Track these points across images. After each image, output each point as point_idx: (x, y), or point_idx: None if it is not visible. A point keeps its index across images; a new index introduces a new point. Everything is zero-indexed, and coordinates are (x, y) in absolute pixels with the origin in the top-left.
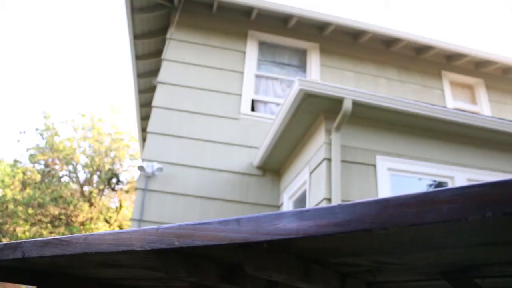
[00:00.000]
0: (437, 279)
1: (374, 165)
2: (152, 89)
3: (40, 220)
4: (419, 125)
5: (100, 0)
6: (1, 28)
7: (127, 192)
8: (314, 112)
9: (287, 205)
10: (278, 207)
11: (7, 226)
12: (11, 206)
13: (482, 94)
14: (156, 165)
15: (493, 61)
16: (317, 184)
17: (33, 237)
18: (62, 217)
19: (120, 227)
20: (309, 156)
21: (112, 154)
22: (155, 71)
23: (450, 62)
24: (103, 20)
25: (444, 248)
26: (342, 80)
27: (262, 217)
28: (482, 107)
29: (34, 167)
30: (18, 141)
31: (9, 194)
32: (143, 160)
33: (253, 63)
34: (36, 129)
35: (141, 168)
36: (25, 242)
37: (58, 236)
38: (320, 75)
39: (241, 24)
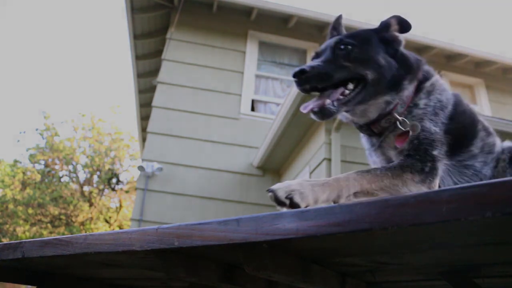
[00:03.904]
0: (437, 279)
1: None
2: (152, 89)
3: (40, 220)
4: None
5: (100, 0)
6: (1, 28)
7: (127, 192)
8: None
9: None
10: None
11: (7, 226)
12: (11, 206)
13: (482, 94)
14: (156, 165)
15: (493, 61)
16: None
17: (33, 237)
18: (62, 217)
19: (120, 227)
20: (309, 156)
21: (112, 154)
22: (155, 71)
23: (450, 62)
24: (103, 20)
25: (444, 248)
26: None
27: (262, 217)
28: (482, 107)
29: (34, 167)
30: (18, 141)
31: (9, 194)
32: (143, 160)
33: (253, 63)
34: (36, 129)
35: (141, 168)
36: (25, 242)
37: (58, 236)
38: None
39: (241, 24)
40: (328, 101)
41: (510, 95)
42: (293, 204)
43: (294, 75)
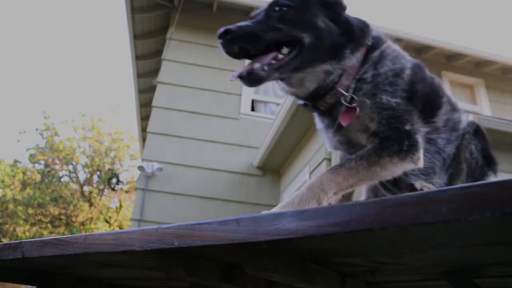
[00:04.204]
0: (437, 279)
1: None
2: (152, 89)
3: (40, 220)
4: None
5: (100, 0)
6: (1, 27)
7: (127, 192)
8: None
9: None
10: None
11: (7, 226)
12: (11, 206)
13: (482, 94)
14: (156, 165)
15: (493, 61)
16: None
17: (33, 237)
18: (62, 217)
19: (120, 227)
20: (309, 156)
21: (112, 154)
22: (155, 71)
23: (450, 62)
24: (103, 20)
25: (444, 248)
26: None
27: (262, 217)
28: (482, 107)
29: (34, 167)
30: (18, 141)
31: (9, 194)
32: (143, 160)
33: None
34: (36, 129)
35: (141, 168)
36: (25, 242)
37: (58, 236)
38: None
39: None
40: (257, 65)
41: (510, 95)
42: None
43: (219, 36)
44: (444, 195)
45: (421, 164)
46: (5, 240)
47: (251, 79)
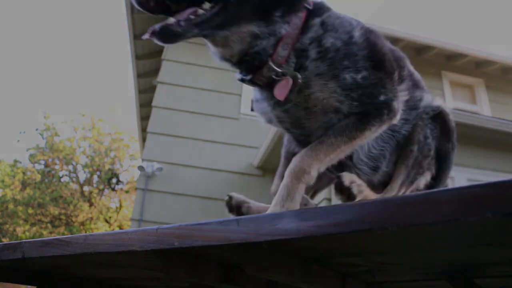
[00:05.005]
0: (437, 279)
1: None
2: (152, 89)
3: (40, 220)
4: None
5: (100, 0)
6: (1, 27)
7: (127, 192)
8: None
9: None
10: None
11: (7, 226)
12: (11, 206)
13: (482, 94)
14: (156, 165)
15: (493, 61)
16: None
17: (33, 237)
18: (62, 217)
19: (120, 227)
20: None
21: (112, 154)
22: (155, 71)
23: (450, 62)
24: (103, 20)
25: (444, 248)
26: None
27: (262, 217)
28: (482, 107)
29: (34, 167)
30: (18, 141)
31: (9, 194)
32: (143, 160)
33: None
34: (36, 129)
35: (141, 168)
36: (25, 242)
37: (58, 237)
38: None
39: None
40: (172, 20)
41: (510, 95)
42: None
43: None
44: (444, 195)
45: (396, 120)
46: (5, 240)
47: (164, 34)
